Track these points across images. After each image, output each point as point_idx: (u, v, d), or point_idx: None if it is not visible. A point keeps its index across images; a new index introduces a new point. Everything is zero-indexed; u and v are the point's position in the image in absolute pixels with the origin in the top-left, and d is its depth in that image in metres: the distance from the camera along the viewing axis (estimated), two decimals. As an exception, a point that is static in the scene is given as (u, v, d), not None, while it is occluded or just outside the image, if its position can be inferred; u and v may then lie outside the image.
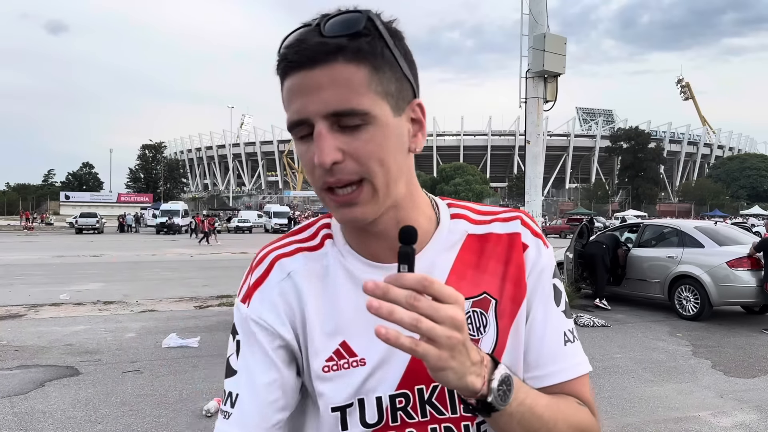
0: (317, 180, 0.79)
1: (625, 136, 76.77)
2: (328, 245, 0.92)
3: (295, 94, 0.76)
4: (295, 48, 0.76)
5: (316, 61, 0.74)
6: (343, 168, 0.76)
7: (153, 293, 11.83)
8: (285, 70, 0.78)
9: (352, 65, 0.75)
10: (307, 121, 0.76)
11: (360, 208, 0.79)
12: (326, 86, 0.74)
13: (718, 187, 75.55)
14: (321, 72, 0.74)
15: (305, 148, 0.78)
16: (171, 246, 28.90)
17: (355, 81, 0.75)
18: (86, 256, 21.82)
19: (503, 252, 0.91)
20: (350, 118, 0.75)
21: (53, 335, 7.85)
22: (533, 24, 9.19)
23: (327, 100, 0.74)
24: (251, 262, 0.95)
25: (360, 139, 0.76)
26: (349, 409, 0.85)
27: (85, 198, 72.55)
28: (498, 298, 0.89)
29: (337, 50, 0.74)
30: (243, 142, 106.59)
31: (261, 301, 0.89)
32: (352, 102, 0.75)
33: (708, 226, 10.75)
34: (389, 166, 0.79)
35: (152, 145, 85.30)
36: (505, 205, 37.00)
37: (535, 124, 9.26)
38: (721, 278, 9.10)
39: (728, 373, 6.39)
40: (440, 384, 0.71)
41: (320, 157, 0.74)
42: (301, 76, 0.75)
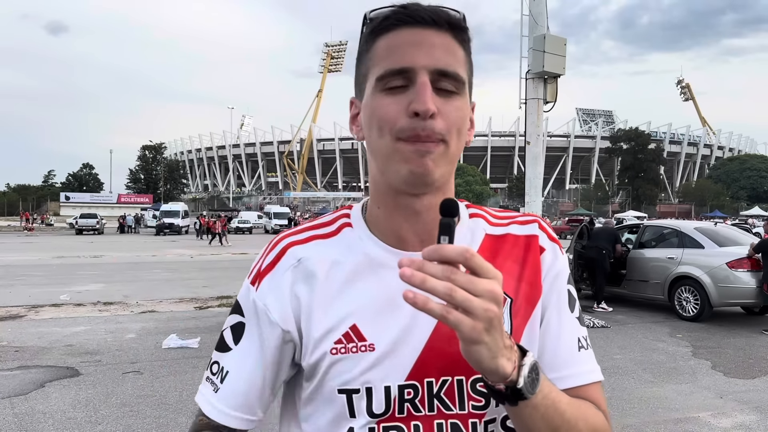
0: (403, 130, 0.79)
1: (625, 137, 76.71)
2: (346, 232, 0.93)
3: (403, 46, 0.80)
4: (413, 8, 0.82)
5: (435, 23, 0.81)
6: (434, 125, 0.79)
7: (153, 294, 11.84)
8: (397, 23, 0.82)
9: (457, 42, 0.83)
10: (411, 70, 0.79)
11: (433, 161, 0.80)
12: (438, 47, 0.81)
13: (718, 188, 75.49)
14: (436, 34, 0.81)
15: (391, 99, 0.80)
16: (171, 247, 28.90)
17: (459, 55, 0.83)
18: (86, 256, 21.81)
19: (520, 253, 0.92)
20: (451, 81, 0.81)
21: (53, 336, 7.85)
22: (533, 25, 9.19)
23: (437, 58, 0.80)
24: (265, 246, 0.96)
25: (452, 104, 0.81)
26: (356, 396, 0.85)
27: (85, 199, 72.54)
28: (513, 297, 0.88)
29: (452, 24, 0.82)
30: (243, 143, 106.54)
31: (269, 287, 0.90)
32: (456, 68, 0.81)
33: (708, 227, 10.76)
34: (462, 138, 0.84)
35: (152, 146, 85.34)
36: (505, 206, 37.23)
37: (535, 124, 9.26)
38: (721, 279, 9.11)
39: (728, 374, 6.39)
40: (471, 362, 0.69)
41: (425, 103, 0.77)
42: (415, 32, 0.81)
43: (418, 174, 0.80)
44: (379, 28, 0.83)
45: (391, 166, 0.82)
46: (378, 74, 0.81)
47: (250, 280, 0.92)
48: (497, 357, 0.68)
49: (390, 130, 0.80)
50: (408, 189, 0.84)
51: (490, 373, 0.70)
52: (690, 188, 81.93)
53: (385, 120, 0.80)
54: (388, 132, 0.80)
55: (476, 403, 0.85)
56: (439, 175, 0.82)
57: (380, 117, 0.81)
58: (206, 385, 0.92)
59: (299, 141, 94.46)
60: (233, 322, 0.92)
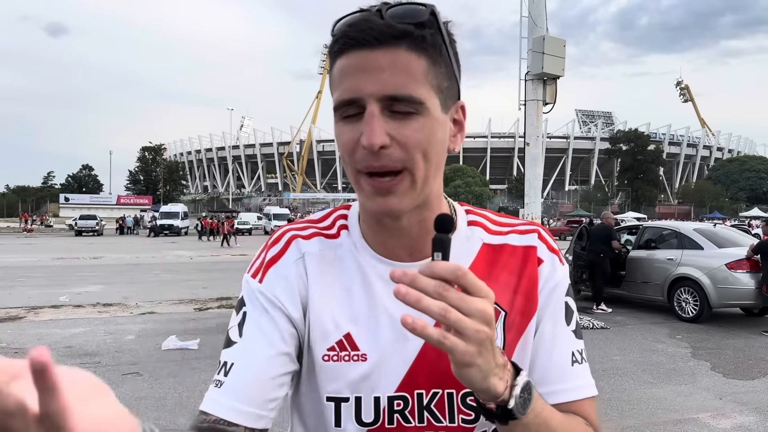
0: (358, 162, 0.77)
1: (624, 138, 76.82)
2: (344, 236, 0.91)
3: (351, 73, 0.75)
4: (359, 27, 0.75)
5: (380, 43, 0.74)
6: (389, 154, 0.75)
7: (152, 295, 11.83)
8: (344, 47, 0.76)
9: (413, 53, 0.75)
10: (359, 101, 0.75)
11: (396, 198, 0.78)
12: (386, 69, 0.74)
13: (717, 189, 75.55)
14: (383, 54, 0.74)
15: (348, 128, 0.77)
16: (171, 248, 28.88)
17: (414, 69, 0.75)
18: (86, 258, 21.81)
19: (517, 264, 0.90)
20: (404, 104, 0.75)
21: (53, 337, 7.85)
22: (532, 26, 9.20)
23: (385, 83, 0.74)
24: (266, 240, 0.94)
25: (409, 127, 0.76)
26: (345, 404, 0.84)
27: (85, 200, 72.58)
28: (508, 310, 0.87)
29: (402, 36, 0.74)
30: (243, 144, 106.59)
31: (276, 277, 0.88)
32: (409, 88, 0.75)
33: (707, 228, 10.77)
34: (431, 159, 0.79)
35: (152, 147, 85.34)
36: (505, 207, 37.07)
37: (534, 126, 9.27)
38: (721, 280, 9.12)
39: (727, 375, 6.39)
40: (463, 382, 0.67)
41: (370, 138, 0.73)
42: (361, 56, 0.75)
43: (384, 210, 0.79)
44: (333, 51, 0.79)
45: (360, 197, 0.82)
46: (334, 103, 0.79)
47: (250, 274, 0.90)
48: (489, 377, 0.66)
49: (350, 162, 0.79)
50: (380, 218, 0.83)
51: (482, 392, 0.69)
52: (689, 189, 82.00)
53: (344, 151, 0.79)
54: (349, 163, 0.79)
55: (466, 417, 0.84)
56: (408, 206, 0.80)
57: (341, 147, 0.79)
58: (210, 388, 0.85)
59: (299, 142, 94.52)
60: (237, 318, 0.89)
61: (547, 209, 73.47)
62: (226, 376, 0.83)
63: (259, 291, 0.87)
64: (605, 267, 10.48)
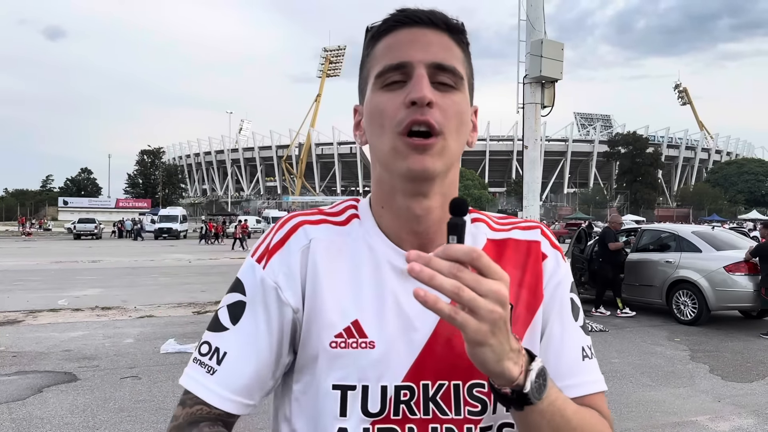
0: (402, 121, 0.80)
1: (623, 141, 76.81)
2: (355, 224, 0.92)
3: (401, 44, 0.83)
4: (413, 10, 0.85)
5: (432, 24, 0.84)
6: (432, 113, 0.79)
7: (151, 299, 11.82)
8: (395, 24, 0.84)
9: (454, 42, 0.85)
10: (408, 65, 0.81)
11: (431, 157, 0.80)
12: (435, 44, 0.83)
13: (716, 192, 75.58)
14: (433, 33, 0.83)
15: (391, 95, 0.82)
16: (169, 251, 28.86)
17: (457, 53, 0.85)
18: (84, 261, 21.79)
19: (521, 258, 0.91)
20: (448, 76, 0.82)
21: (51, 341, 7.84)
22: (530, 30, 9.22)
23: (435, 53, 0.82)
24: (273, 224, 0.94)
25: (449, 98, 0.82)
26: (351, 392, 0.83)
27: (84, 203, 72.50)
28: (513, 303, 0.86)
29: (448, 28, 0.85)
30: (241, 148, 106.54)
31: (280, 264, 0.87)
32: (454, 62, 0.83)
33: (706, 230, 10.78)
34: (460, 136, 0.85)
35: (151, 151, 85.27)
36: (504, 210, 37.07)
37: (533, 129, 9.28)
38: (719, 283, 9.12)
39: (726, 378, 6.40)
40: (477, 364, 0.68)
41: (421, 91, 0.79)
42: (413, 32, 0.83)
43: (416, 171, 0.80)
44: (379, 32, 0.85)
45: (393, 163, 0.82)
46: (377, 72, 0.83)
47: (255, 258, 0.90)
48: (503, 360, 0.67)
49: (389, 125, 0.81)
50: (409, 186, 0.83)
51: (496, 376, 0.69)
52: (688, 192, 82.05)
53: (384, 115, 0.81)
54: (388, 127, 0.81)
55: (473, 409, 0.84)
56: (440, 169, 0.82)
57: (380, 112, 0.82)
58: (196, 367, 0.86)
59: (298, 145, 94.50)
60: (231, 301, 0.88)
61: (546, 212, 73.47)
62: (219, 365, 0.84)
63: (261, 279, 0.87)
64: (605, 272, 10.51)
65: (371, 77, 0.85)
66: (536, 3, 9.25)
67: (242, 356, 0.84)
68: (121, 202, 74.67)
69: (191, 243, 38.51)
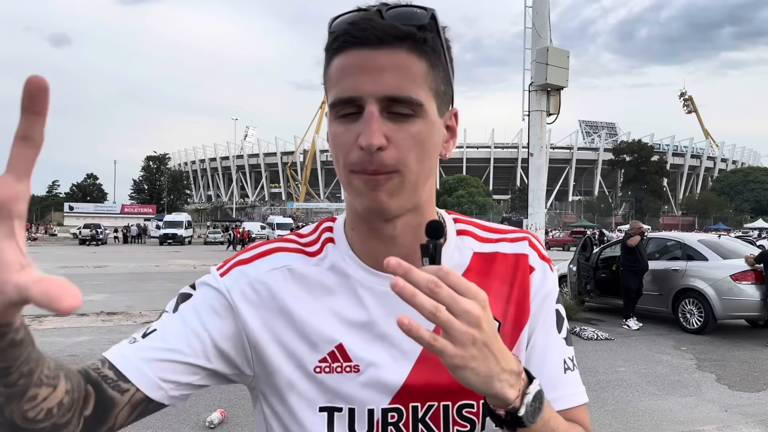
0: (353, 163, 0.76)
1: (628, 149, 76.78)
2: (329, 249, 0.89)
3: (351, 72, 0.74)
4: (360, 26, 0.74)
5: (382, 42, 0.73)
6: (383, 156, 0.74)
7: (156, 304, 11.82)
8: (344, 45, 0.75)
9: (414, 56, 0.75)
10: (359, 100, 0.74)
11: (386, 195, 0.76)
12: (387, 69, 0.73)
13: (721, 201, 75.38)
14: (384, 55, 0.74)
15: (344, 128, 0.76)
16: (174, 257, 28.92)
17: (414, 71, 0.75)
18: (90, 267, 21.85)
19: (509, 273, 0.89)
20: (404, 106, 0.74)
21: (57, 345, 7.86)
22: (536, 38, 9.25)
23: (386, 83, 0.73)
24: (246, 247, 0.93)
25: (406, 130, 0.75)
26: (338, 414, 0.82)
27: (89, 209, 72.63)
28: (501, 320, 0.86)
29: (404, 37, 0.74)
30: (246, 154, 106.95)
31: (240, 276, 0.86)
32: (409, 90, 0.74)
33: (712, 239, 10.75)
34: (424, 163, 0.78)
35: (156, 157, 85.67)
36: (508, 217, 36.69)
37: (538, 136, 9.30)
38: (725, 291, 9.08)
39: (733, 387, 6.36)
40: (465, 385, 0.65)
41: (369, 138, 0.72)
42: (362, 55, 0.74)
43: (372, 208, 0.78)
44: (332, 48, 0.78)
45: (352, 197, 0.81)
46: (330, 101, 0.78)
47: (216, 267, 0.89)
48: (492, 382, 0.65)
49: (344, 162, 0.77)
50: (375, 216, 0.81)
51: (491, 397, 0.68)
52: (693, 200, 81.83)
53: (338, 150, 0.78)
54: (342, 163, 0.78)
55: (461, 428, 0.84)
56: (397, 207, 0.78)
57: (335, 147, 0.78)
58: (123, 342, 0.82)
59: (302, 152, 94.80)
60: (180, 294, 0.88)
61: (551, 220, 73.36)
62: (144, 338, 0.81)
63: (217, 283, 0.86)
64: (627, 281, 10.02)
65: (328, 101, 0.80)
66: (542, 11, 9.28)
67: (167, 335, 0.81)
68: (126, 208, 74.81)
69: (196, 248, 38.57)
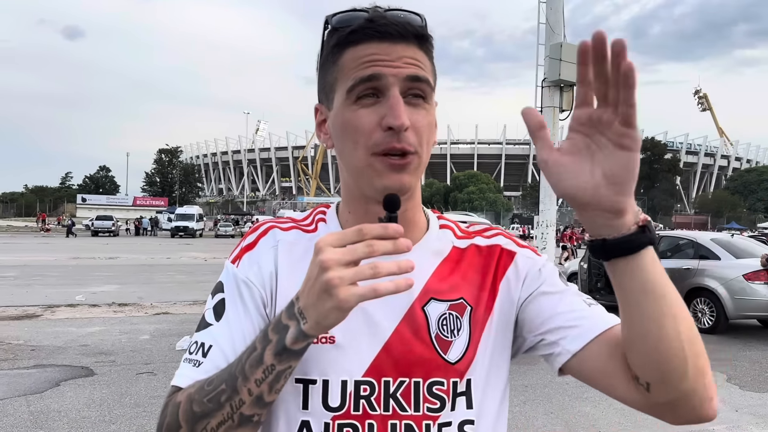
0: (377, 144, 0.81)
1: (641, 146, 76.15)
2: (321, 227, 0.96)
3: (372, 59, 0.82)
4: (380, 22, 0.83)
5: (401, 37, 0.83)
6: (408, 136, 0.81)
7: (167, 296, 11.92)
8: (364, 37, 0.83)
9: (422, 52, 0.85)
10: (382, 77, 0.81)
11: (408, 175, 0.83)
12: (406, 58, 0.83)
13: (735, 200, 74.66)
14: (403, 47, 0.83)
15: (366, 112, 0.82)
16: (185, 250, 29.08)
17: (425, 64, 0.85)
18: (102, 258, 22.03)
19: (482, 262, 0.95)
20: (422, 86, 0.84)
21: (69, 336, 7.94)
22: (550, 33, 9.19)
23: (407, 67, 0.82)
24: (247, 231, 0.99)
25: (420, 113, 0.84)
26: (313, 386, 0.86)
27: (102, 201, 73.31)
28: (474, 305, 0.91)
29: (416, 37, 0.84)
30: (258, 148, 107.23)
31: (249, 262, 0.91)
32: (426, 74, 0.84)
33: (724, 238, 10.65)
34: (431, 144, 0.87)
35: (168, 150, 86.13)
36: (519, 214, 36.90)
37: (550, 133, 9.25)
38: (738, 291, 9.01)
39: (744, 388, 6.32)
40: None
41: (400, 118, 0.79)
42: (383, 47, 0.82)
43: (394, 188, 0.82)
44: (346, 41, 0.84)
45: (366, 179, 0.85)
46: (348, 85, 0.83)
47: (230, 260, 0.94)
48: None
49: (364, 144, 0.82)
50: (373, 201, 0.86)
51: (616, 212, 0.70)
52: (706, 199, 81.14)
53: (359, 133, 0.82)
54: (363, 145, 0.82)
55: (431, 406, 0.86)
56: (413, 184, 0.86)
57: (354, 130, 0.82)
58: (185, 366, 0.86)
59: (313, 146, 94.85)
60: (215, 302, 0.90)
61: (562, 217, 73.01)
62: (205, 357, 0.85)
63: (237, 276, 0.91)
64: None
65: (339, 88, 0.85)
66: (556, 6, 9.22)
67: (227, 343, 0.85)
68: (138, 200, 75.38)
69: (207, 241, 38.76)
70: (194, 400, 0.78)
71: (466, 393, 0.89)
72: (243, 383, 0.75)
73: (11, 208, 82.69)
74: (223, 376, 0.78)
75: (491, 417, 0.91)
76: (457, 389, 0.88)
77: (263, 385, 0.74)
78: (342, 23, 0.85)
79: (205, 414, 0.76)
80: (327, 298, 0.67)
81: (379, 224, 0.68)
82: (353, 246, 0.67)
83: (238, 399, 0.75)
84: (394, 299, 0.85)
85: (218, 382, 0.77)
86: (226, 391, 0.76)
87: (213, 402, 0.76)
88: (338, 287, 0.65)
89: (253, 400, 0.75)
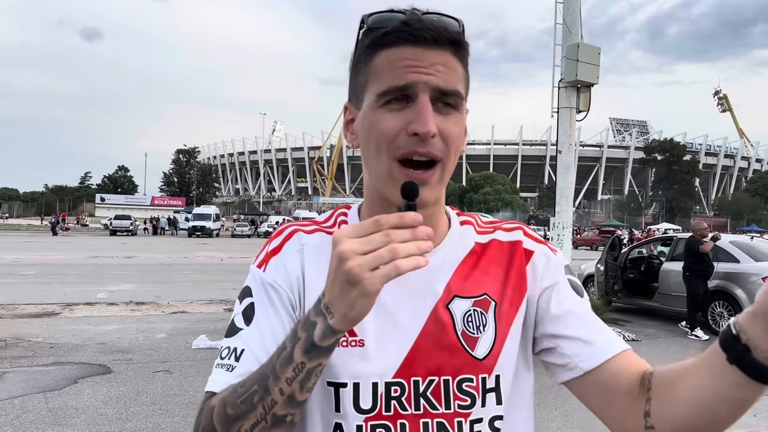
0: (400, 148, 0.81)
1: (659, 147, 75.46)
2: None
3: (405, 64, 0.81)
4: (416, 26, 0.81)
5: (435, 43, 0.81)
6: (434, 143, 0.81)
7: (184, 295, 12.02)
8: (398, 40, 0.81)
9: (455, 58, 0.84)
10: (412, 87, 0.80)
11: (428, 189, 0.83)
12: (439, 66, 0.81)
13: (755, 202, 73.67)
14: (436, 54, 0.81)
15: (392, 116, 0.81)
16: (202, 249, 29.29)
17: (458, 71, 0.84)
18: (120, 257, 22.26)
19: (505, 258, 0.95)
20: (451, 98, 0.82)
21: (87, 333, 8.03)
22: (567, 33, 9.13)
23: (438, 76, 0.81)
24: (271, 234, 1.00)
25: (450, 121, 0.83)
26: (344, 390, 0.86)
27: (120, 200, 74.09)
28: (498, 300, 0.91)
29: (451, 43, 0.83)
30: (274, 149, 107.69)
31: (277, 266, 0.92)
32: (456, 85, 0.83)
33: (744, 240, 10.50)
34: (457, 154, 0.86)
35: (186, 150, 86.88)
36: (536, 215, 36.74)
37: (567, 134, 9.18)
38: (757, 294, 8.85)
39: (763, 392, 6.22)
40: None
41: (426, 125, 0.79)
42: (416, 51, 0.81)
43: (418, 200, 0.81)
44: (380, 43, 0.83)
45: (388, 188, 0.85)
46: (379, 90, 0.82)
47: (256, 264, 0.94)
48: None
49: (387, 148, 0.82)
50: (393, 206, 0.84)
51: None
52: (726, 201, 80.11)
53: (383, 136, 0.82)
54: (386, 150, 0.82)
55: (462, 403, 0.87)
56: (434, 198, 0.86)
57: (379, 133, 0.82)
58: (218, 371, 0.86)
59: (329, 147, 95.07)
60: (244, 307, 0.91)
61: (579, 218, 72.51)
62: (238, 361, 0.85)
63: (264, 281, 0.91)
64: (693, 287, 9.19)
65: (370, 90, 0.84)
66: (573, 7, 9.15)
67: (258, 346, 0.85)
68: (156, 200, 76.07)
69: (224, 241, 39.00)
70: (228, 402, 0.78)
71: (495, 389, 0.89)
72: (274, 383, 0.74)
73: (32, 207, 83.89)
74: (255, 377, 0.78)
75: (520, 412, 0.93)
76: (486, 385, 0.88)
77: (294, 384, 0.74)
78: (377, 24, 0.84)
79: (238, 416, 0.76)
80: (350, 288, 0.66)
81: (395, 214, 0.68)
82: (370, 236, 0.67)
83: (270, 399, 0.75)
84: (419, 301, 0.88)
85: (250, 384, 0.77)
86: (258, 391, 0.76)
87: (246, 403, 0.76)
88: (359, 274, 0.65)
89: (285, 400, 0.75)
